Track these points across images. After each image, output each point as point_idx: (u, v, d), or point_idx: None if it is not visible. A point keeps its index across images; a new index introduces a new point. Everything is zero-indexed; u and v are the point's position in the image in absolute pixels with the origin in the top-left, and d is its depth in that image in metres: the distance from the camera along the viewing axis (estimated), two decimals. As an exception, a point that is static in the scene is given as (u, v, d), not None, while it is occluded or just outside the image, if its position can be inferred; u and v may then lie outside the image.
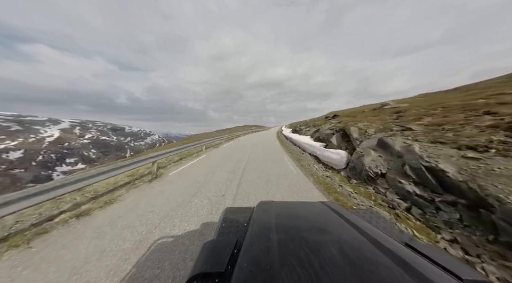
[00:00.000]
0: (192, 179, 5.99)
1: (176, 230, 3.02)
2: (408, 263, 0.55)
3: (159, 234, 2.91)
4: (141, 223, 3.25)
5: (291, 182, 5.52)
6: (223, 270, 0.60)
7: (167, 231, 3.00)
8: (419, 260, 0.60)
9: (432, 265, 0.58)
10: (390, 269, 0.54)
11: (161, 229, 3.05)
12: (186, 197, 4.44)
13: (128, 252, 2.52)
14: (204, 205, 3.96)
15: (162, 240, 2.74)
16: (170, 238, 2.77)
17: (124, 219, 3.44)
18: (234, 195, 4.47)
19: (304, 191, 4.79)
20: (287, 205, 1.23)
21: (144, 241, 2.76)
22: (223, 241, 0.82)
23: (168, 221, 3.32)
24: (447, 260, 0.63)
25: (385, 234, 0.75)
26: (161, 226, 3.15)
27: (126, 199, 4.40)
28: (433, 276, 0.52)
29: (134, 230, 3.04)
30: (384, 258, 0.58)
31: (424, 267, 0.56)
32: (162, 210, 3.77)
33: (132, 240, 2.79)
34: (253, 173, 6.44)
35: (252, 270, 0.55)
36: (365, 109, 18.58)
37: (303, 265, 0.55)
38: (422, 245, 0.73)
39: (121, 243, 2.72)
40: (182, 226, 3.13)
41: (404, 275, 0.52)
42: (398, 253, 0.60)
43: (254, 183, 5.35)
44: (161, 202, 4.18)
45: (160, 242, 2.68)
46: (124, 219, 3.44)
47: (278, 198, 4.27)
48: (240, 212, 1.13)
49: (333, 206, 1.07)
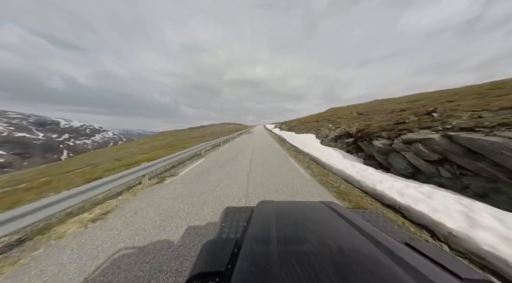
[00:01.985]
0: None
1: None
2: (408, 263, 0.56)
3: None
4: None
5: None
6: (223, 269, 0.59)
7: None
8: (419, 259, 0.60)
9: (432, 265, 0.59)
10: (390, 269, 0.54)
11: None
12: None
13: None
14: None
15: None
16: None
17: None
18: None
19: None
20: (287, 205, 1.23)
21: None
22: (223, 241, 0.83)
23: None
24: (447, 259, 0.64)
25: (385, 234, 0.75)
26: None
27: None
28: (433, 275, 0.52)
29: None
30: (384, 257, 0.58)
31: (424, 266, 0.56)
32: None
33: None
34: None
35: (252, 270, 0.55)
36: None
37: (303, 264, 0.55)
38: (422, 245, 0.73)
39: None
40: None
41: (404, 274, 0.51)
42: (398, 252, 0.60)
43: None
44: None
45: None
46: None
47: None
48: (240, 211, 1.14)
49: (332, 206, 1.07)
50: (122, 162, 9.13)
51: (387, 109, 14.06)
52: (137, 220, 3.24)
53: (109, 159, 12.51)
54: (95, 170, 7.94)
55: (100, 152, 28.59)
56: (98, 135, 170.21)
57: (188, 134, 33.52)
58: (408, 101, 16.60)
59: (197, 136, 26.13)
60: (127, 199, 4.21)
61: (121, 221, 3.21)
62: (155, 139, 33.53)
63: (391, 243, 0.66)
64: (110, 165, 8.92)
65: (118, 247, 2.51)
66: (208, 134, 28.82)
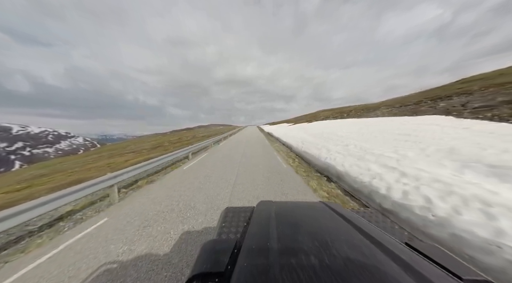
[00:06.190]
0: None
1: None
2: (408, 263, 0.55)
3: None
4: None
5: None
6: (223, 270, 0.58)
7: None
8: (419, 260, 0.59)
9: (432, 265, 0.58)
10: (389, 269, 0.53)
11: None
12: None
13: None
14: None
15: None
16: None
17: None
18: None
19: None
20: (287, 205, 1.19)
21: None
22: (223, 241, 0.83)
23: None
24: (447, 259, 0.63)
25: (385, 234, 0.74)
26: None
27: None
28: (433, 275, 0.52)
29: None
30: (384, 257, 0.58)
31: (424, 266, 0.55)
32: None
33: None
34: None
35: (252, 270, 0.54)
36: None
37: (303, 265, 0.55)
38: (422, 245, 0.73)
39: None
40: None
41: (404, 275, 0.51)
42: (397, 253, 0.60)
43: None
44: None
45: None
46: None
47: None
48: (240, 212, 1.14)
49: (332, 206, 1.05)
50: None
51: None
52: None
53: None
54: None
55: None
56: (64, 142, 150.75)
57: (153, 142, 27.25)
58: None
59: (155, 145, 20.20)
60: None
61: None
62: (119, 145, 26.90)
63: (391, 243, 0.65)
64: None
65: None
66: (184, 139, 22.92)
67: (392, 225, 1.02)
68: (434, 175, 2.98)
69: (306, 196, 3.67)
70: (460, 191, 2.40)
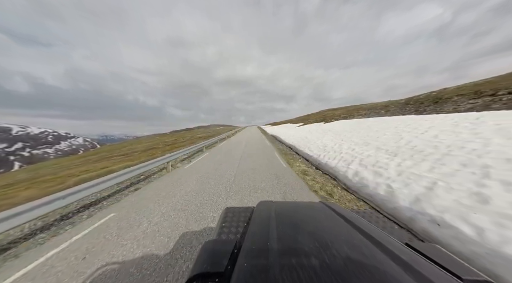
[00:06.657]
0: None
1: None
2: (408, 263, 0.55)
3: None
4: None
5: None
6: (223, 270, 0.59)
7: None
8: (419, 260, 0.59)
9: (432, 265, 0.58)
10: (390, 269, 0.54)
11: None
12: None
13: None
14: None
15: None
16: None
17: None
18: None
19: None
20: (287, 205, 1.20)
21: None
22: (223, 241, 0.83)
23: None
24: (447, 260, 0.63)
25: (385, 234, 0.74)
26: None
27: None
28: (433, 276, 0.52)
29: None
30: (384, 258, 0.58)
31: (424, 266, 0.55)
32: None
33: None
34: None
35: (252, 271, 0.55)
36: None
37: (303, 265, 0.55)
38: (422, 245, 0.73)
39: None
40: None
41: (404, 275, 0.51)
42: (397, 253, 0.60)
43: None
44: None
45: None
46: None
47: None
48: (240, 212, 1.14)
49: (333, 206, 1.05)
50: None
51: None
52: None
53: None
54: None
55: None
56: (64, 142, 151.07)
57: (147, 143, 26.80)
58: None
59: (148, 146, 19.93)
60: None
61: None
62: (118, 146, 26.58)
63: (391, 244, 0.66)
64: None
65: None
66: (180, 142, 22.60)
67: (392, 225, 1.03)
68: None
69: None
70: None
